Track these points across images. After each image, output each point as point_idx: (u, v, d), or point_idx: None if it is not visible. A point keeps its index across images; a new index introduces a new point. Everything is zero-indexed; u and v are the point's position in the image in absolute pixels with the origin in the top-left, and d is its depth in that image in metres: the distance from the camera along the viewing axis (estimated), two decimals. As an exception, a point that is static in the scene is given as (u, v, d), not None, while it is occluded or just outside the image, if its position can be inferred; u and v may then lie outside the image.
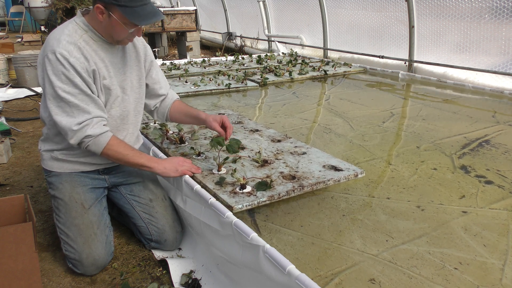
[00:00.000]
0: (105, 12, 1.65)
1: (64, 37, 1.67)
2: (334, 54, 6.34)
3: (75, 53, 1.66)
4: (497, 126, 3.08)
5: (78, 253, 1.69)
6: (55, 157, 1.83)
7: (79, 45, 1.68)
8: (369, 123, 3.19)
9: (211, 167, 1.99)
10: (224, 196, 1.70)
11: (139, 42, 1.96)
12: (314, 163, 2.07)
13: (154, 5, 1.71)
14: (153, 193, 1.93)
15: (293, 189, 1.79)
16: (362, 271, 1.52)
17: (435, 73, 4.71)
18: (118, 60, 1.84)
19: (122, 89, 1.85)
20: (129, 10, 1.62)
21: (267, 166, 2.02)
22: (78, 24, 1.74)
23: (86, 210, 1.76)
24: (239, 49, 8.35)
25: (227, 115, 2.92)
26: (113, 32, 1.71)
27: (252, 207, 1.68)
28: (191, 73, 5.15)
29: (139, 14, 1.63)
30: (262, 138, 2.43)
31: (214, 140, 1.99)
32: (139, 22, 1.65)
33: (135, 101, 1.94)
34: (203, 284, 1.64)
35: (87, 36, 1.74)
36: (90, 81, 1.70)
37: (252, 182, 1.82)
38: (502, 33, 4.08)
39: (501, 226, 1.79)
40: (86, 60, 1.69)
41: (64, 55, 1.63)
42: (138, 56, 1.94)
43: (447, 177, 2.26)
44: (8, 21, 12.90)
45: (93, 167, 1.87)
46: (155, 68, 2.04)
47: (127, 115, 1.90)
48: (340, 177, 1.92)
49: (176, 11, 7.30)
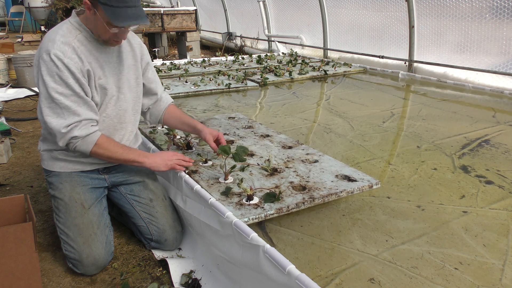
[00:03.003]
0: (91, 8, 1.65)
1: (58, 38, 1.67)
2: (334, 54, 6.34)
3: (70, 54, 1.66)
4: (497, 126, 3.07)
5: (78, 253, 1.69)
6: (55, 156, 1.83)
7: (73, 46, 1.68)
8: (369, 123, 3.19)
9: (218, 175, 1.94)
10: (229, 207, 1.64)
11: (136, 42, 1.96)
12: (327, 172, 1.98)
13: (140, 11, 1.66)
14: (153, 193, 1.92)
15: (303, 201, 1.71)
16: (362, 271, 1.51)
17: (435, 73, 4.71)
18: (114, 59, 1.84)
19: (118, 88, 1.85)
20: (111, 9, 1.60)
21: (277, 175, 1.95)
22: (72, 24, 1.74)
23: (86, 210, 1.76)
24: (239, 49, 8.35)
25: (238, 119, 2.86)
26: (98, 31, 1.71)
27: (258, 220, 1.62)
28: (191, 73, 5.15)
29: (118, 15, 1.61)
30: (272, 144, 2.36)
31: (220, 148, 1.97)
32: (117, 22, 1.62)
33: (133, 100, 1.94)
34: (203, 284, 1.64)
35: (82, 36, 1.74)
36: (84, 81, 1.70)
37: (260, 193, 1.76)
38: (502, 33, 4.08)
39: (501, 226, 1.79)
40: (81, 60, 1.69)
41: (59, 56, 1.63)
42: (135, 55, 1.94)
43: (447, 177, 2.26)
44: (8, 21, 12.90)
45: (93, 166, 1.87)
46: (151, 68, 2.05)
47: (124, 114, 1.90)
48: (353, 188, 1.83)
49: (176, 11, 7.30)
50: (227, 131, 2.59)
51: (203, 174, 1.95)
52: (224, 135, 2.50)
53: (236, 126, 2.68)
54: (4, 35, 10.17)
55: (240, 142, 2.39)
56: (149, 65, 2.03)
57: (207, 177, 1.92)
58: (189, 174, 1.92)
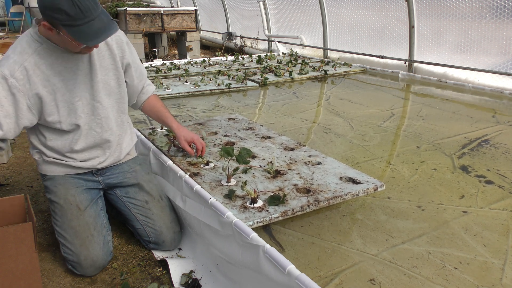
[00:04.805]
0: (52, 29, 1.55)
1: (13, 56, 1.61)
2: (334, 54, 6.34)
3: (17, 74, 1.59)
4: (497, 126, 3.07)
5: (76, 255, 1.69)
6: (47, 160, 1.81)
7: (25, 66, 1.60)
8: (369, 123, 3.19)
9: (220, 178, 1.92)
10: (233, 211, 1.62)
11: (113, 40, 1.82)
12: (330, 174, 1.95)
13: (104, 16, 1.53)
14: (148, 195, 1.91)
15: (308, 204, 1.68)
16: (362, 271, 1.51)
17: (435, 73, 4.71)
18: (85, 65, 1.74)
19: (92, 96, 1.76)
20: (75, 29, 1.48)
21: (280, 177, 1.93)
22: (32, 37, 1.65)
23: (82, 212, 1.75)
24: (239, 49, 8.35)
25: (238, 120, 2.83)
26: (67, 46, 1.62)
27: (263, 224, 1.59)
28: (191, 73, 5.15)
29: (85, 33, 1.51)
30: (274, 146, 2.33)
31: (223, 149, 1.94)
32: (86, 42, 1.54)
33: (116, 102, 1.87)
34: (203, 284, 1.64)
35: (42, 48, 1.64)
36: (25, 103, 1.62)
37: (264, 196, 1.74)
38: (502, 33, 4.08)
39: (501, 226, 1.79)
40: (29, 83, 1.61)
41: (5, 75, 1.57)
42: (113, 54, 1.81)
43: (447, 177, 2.26)
44: (8, 21, 12.89)
45: (85, 169, 1.85)
46: (134, 67, 1.91)
47: (107, 121, 1.82)
48: (358, 191, 1.80)
49: (176, 11, 7.30)
50: (228, 132, 2.57)
51: (205, 176, 1.95)
52: (224, 136, 2.49)
53: (237, 128, 2.67)
54: (4, 35, 10.16)
55: (241, 144, 2.37)
56: (130, 66, 1.90)
57: (209, 179, 1.92)
58: (191, 176, 1.92)
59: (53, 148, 1.78)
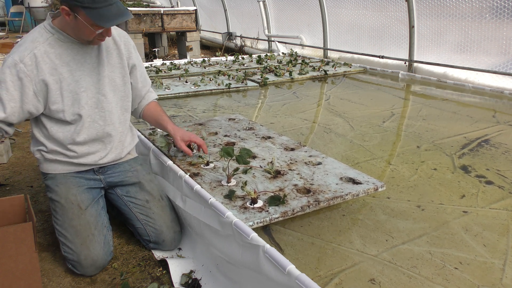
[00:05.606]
0: (71, 13, 1.62)
1: (25, 44, 1.68)
2: (334, 54, 6.34)
3: (26, 60, 1.65)
4: (497, 126, 3.08)
5: (76, 255, 1.69)
6: (48, 158, 1.82)
7: (35, 53, 1.67)
8: (369, 123, 3.19)
9: (220, 178, 1.92)
10: (233, 211, 1.61)
11: (121, 39, 1.90)
12: (331, 174, 1.95)
13: (120, 5, 1.66)
14: (149, 194, 1.91)
15: (308, 204, 1.68)
16: (362, 271, 1.51)
17: (435, 73, 4.71)
18: (93, 59, 1.80)
19: (97, 89, 1.80)
20: (94, 12, 1.59)
21: (280, 177, 1.93)
22: (45, 28, 1.73)
23: (83, 211, 1.76)
24: (239, 49, 8.35)
25: (238, 120, 2.82)
26: (81, 33, 1.68)
27: (263, 224, 1.58)
28: (191, 73, 5.15)
29: (104, 16, 1.60)
30: (274, 146, 2.32)
31: (223, 149, 1.93)
32: (104, 24, 1.62)
33: (121, 99, 1.90)
34: (203, 284, 1.64)
35: (53, 38, 1.71)
36: (32, 89, 1.67)
37: (264, 196, 1.73)
38: (502, 33, 4.08)
39: (501, 226, 1.79)
40: (36, 69, 1.67)
41: (15, 60, 1.64)
42: (120, 53, 1.88)
43: (447, 177, 2.26)
44: (8, 21, 12.89)
45: (86, 167, 1.85)
46: (139, 70, 1.98)
47: (110, 116, 1.85)
48: (359, 191, 1.80)
49: (176, 11, 7.30)
50: (228, 132, 2.57)
51: (205, 176, 1.95)
52: (225, 136, 2.49)
53: (237, 128, 2.67)
54: (4, 35, 10.16)
55: (242, 144, 2.37)
56: (136, 68, 1.96)
57: (209, 179, 1.91)
58: (191, 176, 1.91)
59: (56, 139, 1.78)
